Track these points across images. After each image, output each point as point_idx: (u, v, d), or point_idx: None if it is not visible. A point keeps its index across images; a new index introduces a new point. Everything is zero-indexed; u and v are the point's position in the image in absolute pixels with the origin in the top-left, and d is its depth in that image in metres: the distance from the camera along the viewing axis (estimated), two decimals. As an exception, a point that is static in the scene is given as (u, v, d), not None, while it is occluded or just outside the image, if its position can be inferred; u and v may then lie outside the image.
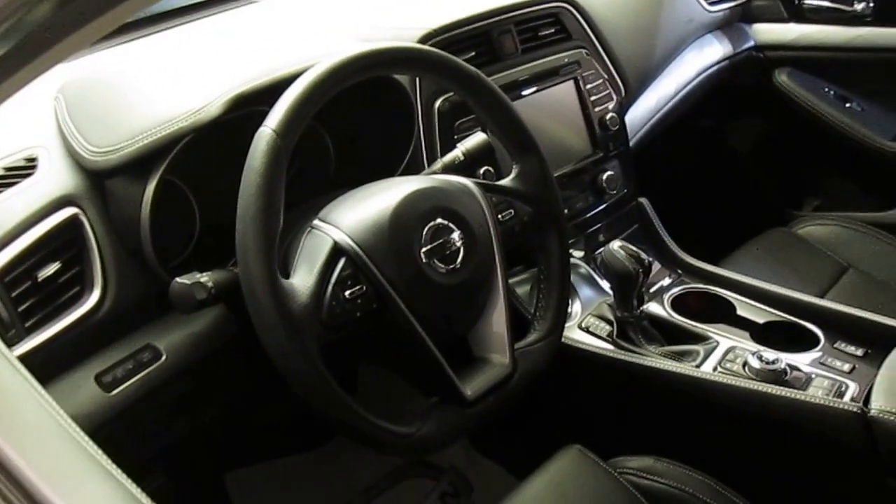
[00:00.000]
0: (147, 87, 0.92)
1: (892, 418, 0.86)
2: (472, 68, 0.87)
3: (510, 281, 1.12)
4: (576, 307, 1.16)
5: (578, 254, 1.23)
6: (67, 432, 0.52)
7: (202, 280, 0.73)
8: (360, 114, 1.05)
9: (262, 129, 0.71)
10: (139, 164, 0.82)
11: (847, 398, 0.95)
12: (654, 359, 1.04)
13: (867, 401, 0.90)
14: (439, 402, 0.80)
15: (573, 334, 1.12)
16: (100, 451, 0.51)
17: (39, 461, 0.50)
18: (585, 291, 1.18)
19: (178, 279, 0.73)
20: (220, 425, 1.18)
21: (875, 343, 1.02)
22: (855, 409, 0.89)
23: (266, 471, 1.40)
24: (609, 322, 1.12)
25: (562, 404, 1.22)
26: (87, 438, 0.52)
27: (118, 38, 1.13)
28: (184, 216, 0.94)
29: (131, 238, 0.82)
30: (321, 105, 0.75)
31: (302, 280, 0.72)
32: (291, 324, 0.69)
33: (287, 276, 0.73)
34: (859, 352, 1.03)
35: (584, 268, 1.21)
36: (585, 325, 1.13)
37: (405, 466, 1.45)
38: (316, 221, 0.78)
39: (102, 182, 0.86)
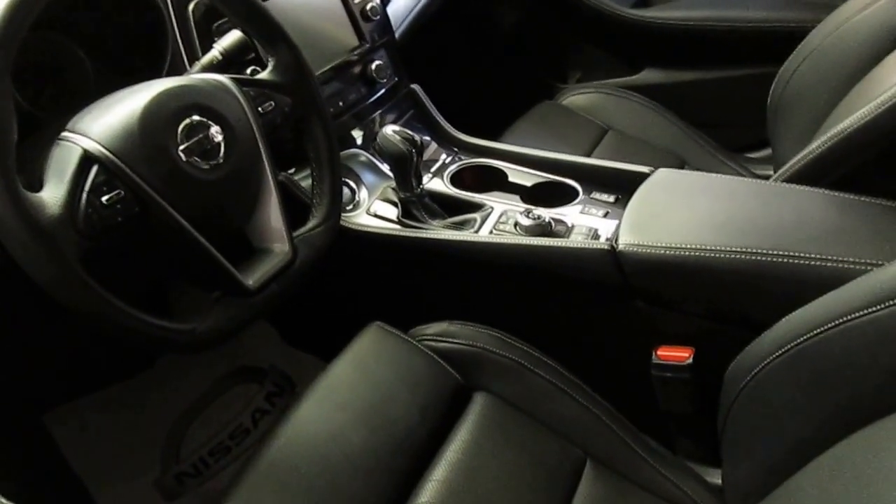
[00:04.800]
0: None
1: (634, 249, 0.99)
2: None
3: (298, 176, 1.14)
4: (363, 194, 1.20)
5: (359, 143, 1.26)
6: None
7: None
8: (110, 24, 0.99)
9: None
10: None
11: (602, 239, 1.08)
12: (437, 231, 1.11)
13: (617, 239, 1.02)
14: (222, 296, 0.81)
15: (361, 220, 1.16)
16: None
17: None
18: (369, 178, 1.22)
19: None
20: (9, 365, 1.12)
21: (624, 189, 1.13)
22: (606, 247, 1.00)
23: (90, 405, 1.34)
24: (394, 204, 1.17)
25: (361, 288, 1.28)
26: None
27: None
28: None
29: None
30: (38, 10, 0.71)
31: (52, 192, 0.70)
32: (42, 236, 0.67)
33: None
34: (611, 198, 1.15)
35: (365, 156, 1.24)
36: (373, 211, 1.17)
37: (227, 375, 1.46)
38: (64, 133, 0.75)
39: None
